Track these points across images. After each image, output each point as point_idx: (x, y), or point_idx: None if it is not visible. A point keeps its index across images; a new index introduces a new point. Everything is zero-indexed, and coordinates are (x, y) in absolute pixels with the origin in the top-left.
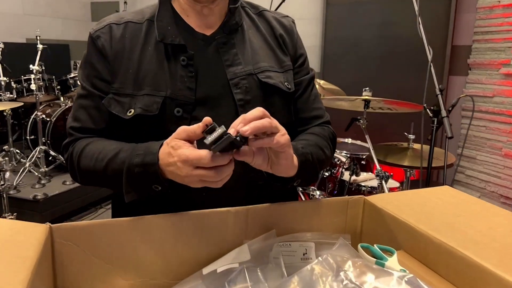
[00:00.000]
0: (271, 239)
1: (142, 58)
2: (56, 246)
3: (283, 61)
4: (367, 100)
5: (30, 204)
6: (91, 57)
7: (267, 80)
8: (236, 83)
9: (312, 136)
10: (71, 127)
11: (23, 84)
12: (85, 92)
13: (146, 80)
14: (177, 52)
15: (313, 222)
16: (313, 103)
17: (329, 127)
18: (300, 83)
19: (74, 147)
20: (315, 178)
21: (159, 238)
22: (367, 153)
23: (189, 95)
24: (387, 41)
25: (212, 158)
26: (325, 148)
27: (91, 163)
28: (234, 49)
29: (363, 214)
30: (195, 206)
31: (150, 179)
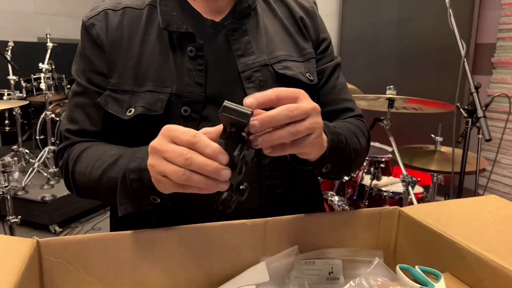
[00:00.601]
0: (293, 256)
1: (143, 49)
2: (44, 264)
3: (304, 49)
4: (391, 99)
5: (38, 205)
6: (85, 49)
7: (284, 71)
8: (248, 76)
9: (345, 123)
10: (66, 129)
11: (32, 83)
12: (80, 89)
13: (148, 74)
14: (183, 41)
15: (340, 236)
16: (340, 94)
17: (363, 121)
18: (322, 71)
19: (70, 153)
20: (348, 168)
21: (163, 254)
22: (389, 156)
23: (198, 91)
24: (407, 38)
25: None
26: (360, 138)
27: (86, 170)
28: (247, 37)
29: (398, 228)
30: (202, 217)
31: (146, 188)
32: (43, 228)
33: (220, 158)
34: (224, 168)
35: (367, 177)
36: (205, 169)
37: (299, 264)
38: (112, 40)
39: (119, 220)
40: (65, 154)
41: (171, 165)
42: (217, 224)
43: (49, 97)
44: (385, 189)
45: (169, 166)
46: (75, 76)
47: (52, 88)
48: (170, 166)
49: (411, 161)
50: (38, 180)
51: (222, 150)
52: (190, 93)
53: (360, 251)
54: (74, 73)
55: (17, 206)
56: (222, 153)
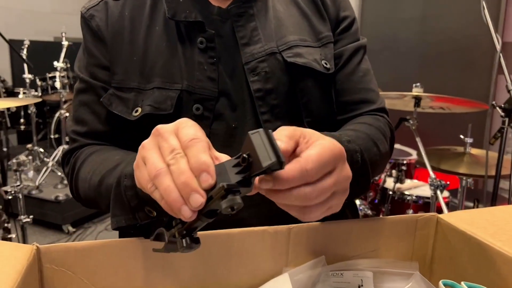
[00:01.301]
0: (319, 267)
1: (149, 42)
2: (45, 273)
3: (321, 32)
4: (418, 97)
5: (52, 205)
6: (87, 41)
7: (294, 59)
8: (252, 67)
9: (363, 126)
10: (73, 131)
11: (47, 82)
12: (84, 86)
13: (155, 69)
14: (192, 32)
15: (371, 246)
16: (360, 82)
17: (384, 117)
18: (340, 55)
19: (76, 158)
20: (364, 188)
21: (175, 263)
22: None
23: (210, 87)
24: (430, 36)
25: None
26: (380, 144)
27: (87, 176)
28: (253, 22)
29: (436, 237)
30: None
31: (141, 198)
32: (57, 227)
33: (203, 178)
34: (199, 192)
35: (390, 180)
36: (178, 177)
37: (327, 276)
38: (113, 32)
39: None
40: (72, 159)
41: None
42: (235, 230)
43: (63, 96)
44: (408, 192)
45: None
46: (78, 72)
47: (67, 87)
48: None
49: (439, 164)
50: (52, 180)
51: (212, 170)
52: (202, 89)
53: (393, 263)
54: (76, 69)
55: (31, 205)
56: (208, 173)
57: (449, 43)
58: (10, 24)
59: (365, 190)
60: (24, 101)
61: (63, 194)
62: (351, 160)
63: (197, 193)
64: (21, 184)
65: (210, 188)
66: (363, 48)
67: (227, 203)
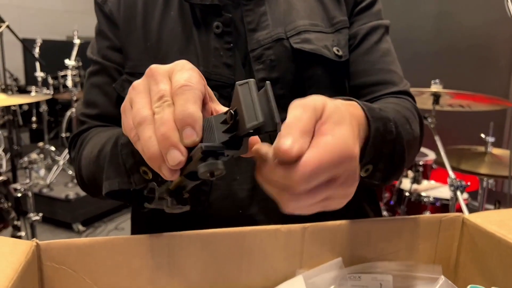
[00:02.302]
0: (336, 269)
1: (163, 26)
2: (45, 272)
3: (335, 17)
4: (437, 94)
5: (62, 204)
6: (101, 24)
7: (301, 45)
8: (258, 55)
9: (389, 104)
10: (82, 113)
11: (59, 80)
12: (96, 67)
13: (170, 54)
14: (208, 16)
15: (391, 247)
16: (378, 62)
17: (409, 100)
18: (354, 35)
19: (83, 139)
20: (398, 169)
21: (183, 263)
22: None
23: (227, 74)
24: (446, 33)
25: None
26: (412, 123)
27: (89, 152)
28: (263, 7)
29: (461, 239)
30: (217, 221)
31: (136, 156)
32: (66, 226)
33: (187, 133)
34: (178, 148)
35: (406, 181)
36: (158, 128)
37: (344, 279)
38: (126, 17)
39: (141, 223)
40: (78, 141)
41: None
42: (246, 229)
43: (75, 94)
44: (425, 194)
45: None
46: (90, 56)
47: (79, 86)
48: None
49: (458, 164)
50: (62, 178)
51: (199, 125)
52: (218, 76)
53: (415, 266)
54: (89, 53)
55: (41, 203)
56: (193, 128)
57: (465, 40)
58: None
59: (399, 170)
60: (34, 98)
61: (73, 193)
62: (384, 128)
63: (176, 149)
64: (30, 182)
65: (194, 146)
66: (382, 28)
67: (204, 167)
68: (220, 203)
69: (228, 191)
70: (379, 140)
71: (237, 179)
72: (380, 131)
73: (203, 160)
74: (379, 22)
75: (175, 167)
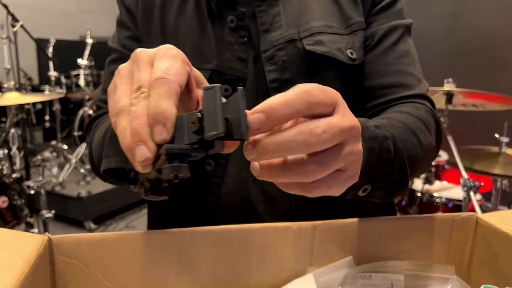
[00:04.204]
0: (346, 268)
1: (180, 20)
2: (57, 266)
3: (351, 18)
4: (450, 93)
5: (74, 202)
6: (122, 15)
7: (314, 47)
8: (270, 56)
9: (398, 114)
10: (100, 99)
11: (72, 79)
12: (116, 55)
13: (185, 48)
14: (223, 10)
15: (403, 246)
16: (394, 64)
17: (426, 105)
18: (372, 36)
19: (98, 122)
20: (401, 185)
21: (194, 259)
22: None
23: (240, 68)
24: (459, 33)
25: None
26: (420, 134)
27: (98, 133)
28: (277, 7)
29: (475, 239)
30: (227, 218)
31: None
32: (78, 224)
33: (157, 130)
34: (147, 144)
35: (418, 181)
36: (131, 121)
37: (355, 278)
38: (143, 10)
39: (157, 219)
40: (94, 126)
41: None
42: (257, 226)
43: (87, 94)
44: (437, 194)
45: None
46: (111, 44)
47: (91, 85)
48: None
49: (472, 164)
50: (75, 176)
51: (170, 123)
52: (231, 70)
53: (427, 265)
54: (110, 43)
55: (54, 201)
56: (164, 126)
57: (479, 40)
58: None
59: (402, 187)
60: (47, 96)
61: (85, 191)
62: (380, 148)
63: (144, 145)
64: (43, 179)
65: (164, 143)
66: (402, 28)
67: (167, 169)
68: (227, 197)
69: (235, 186)
70: (375, 160)
71: (244, 176)
72: (376, 151)
73: (168, 161)
74: (399, 22)
75: (143, 163)
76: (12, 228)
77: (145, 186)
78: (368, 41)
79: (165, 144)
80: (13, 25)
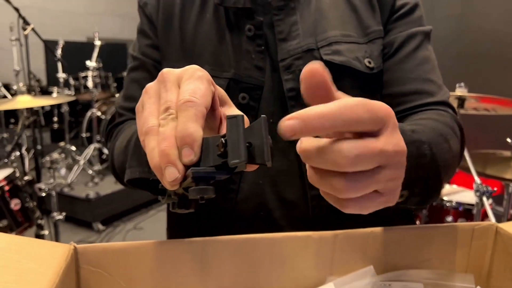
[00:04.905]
0: (367, 277)
1: (198, 29)
2: (82, 274)
3: (369, 26)
4: (462, 98)
5: (82, 203)
6: (143, 24)
7: (331, 57)
8: (287, 65)
9: (426, 121)
10: (121, 106)
11: (80, 81)
12: (136, 63)
13: (203, 56)
14: (241, 19)
15: (423, 256)
16: (414, 71)
17: (449, 112)
18: (391, 43)
19: (119, 130)
20: (435, 191)
21: (216, 268)
22: None
23: (257, 76)
24: (468, 35)
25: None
26: (451, 140)
27: (120, 142)
28: (294, 16)
29: (494, 248)
30: (242, 227)
31: None
32: (87, 225)
33: (185, 152)
34: (176, 166)
35: None
36: (160, 143)
37: (374, 286)
38: (163, 19)
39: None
40: (115, 133)
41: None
42: (278, 235)
43: (95, 95)
44: (447, 198)
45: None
46: (132, 52)
47: (99, 86)
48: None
49: (484, 169)
50: (83, 178)
51: (197, 145)
52: (249, 78)
53: (447, 275)
54: (131, 50)
55: (62, 202)
56: (191, 148)
57: (489, 42)
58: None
59: (437, 193)
60: (57, 99)
61: (93, 192)
62: (418, 153)
63: (174, 166)
64: (54, 182)
65: (192, 164)
66: (422, 34)
67: (195, 192)
68: (244, 204)
69: (251, 193)
70: (413, 165)
71: (260, 183)
72: (414, 156)
73: (195, 183)
74: (418, 29)
75: (172, 183)
76: (24, 230)
77: (172, 199)
78: (386, 48)
79: (191, 168)
80: (24, 28)
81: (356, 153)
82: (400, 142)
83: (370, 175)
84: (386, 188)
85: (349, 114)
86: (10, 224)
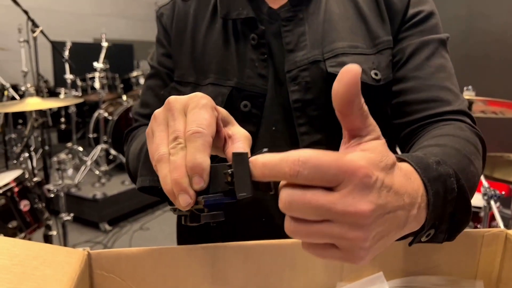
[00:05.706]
0: (377, 284)
1: (208, 39)
2: (95, 279)
3: (378, 36)
4: (469, 101)
5: (89, 203)
6: (159, 34)
7: (336, 69)
8: (293, 76)
9: (446, 138)
10: (136, 112)
11: (87, 82)
12: (152, 71)
13: (211, 65)
14: (245, 28)
15: (433, 262)
16: (430, 79)
17: (467, 122)
18: (402, 51)
19: (134, 135)
20: (465, 221)
21: (227, 273)
22: None
23: (260, 84)
24: (475, 36)
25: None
26: (474, 159)
27: (134, 147)
28: (302, 27)
29: (504, 254)
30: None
31: None
32: (93, 225)
33: (195, 180)
34: (188, 192)
35: None
36: (172, 171)
37: None
38: (177, 29)
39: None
40: (130, 137)
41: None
42: (288, 241)
43: (102, 96)
44: None
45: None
46: (149, 61)
47: (106, 87)
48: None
49: (492, 172)
50: (90, 178)
51: (206, 173)
52: (251, 86)
53: (456, 281)
54: (148, 59)
55: (69, 203)
56: (201, 176)
57: (496, 44)
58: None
59: (464, 226)
60: (66, 101)
61: (100, 193)
62: (445, 189)
63: (186, 193)
64: (63, 183)
65: (202, 190)
66: (436, 42)
67: (207, 218)
68: (245, 210)
69: (252, 199)
70: (440, 204)
71: None
72: (440, 194)
73: (206, 209)
74: (432, 37)
75: (185, 207)
76: (33, 231)
77: (184, 213)
78: (398, 56)
79: (203, 196)
80: (33, 30)
81: (289, 200)
82: (358, 204)
83: (313, 225)
84: (342, 245)
85: (297, 167)
86: (20, 225)
